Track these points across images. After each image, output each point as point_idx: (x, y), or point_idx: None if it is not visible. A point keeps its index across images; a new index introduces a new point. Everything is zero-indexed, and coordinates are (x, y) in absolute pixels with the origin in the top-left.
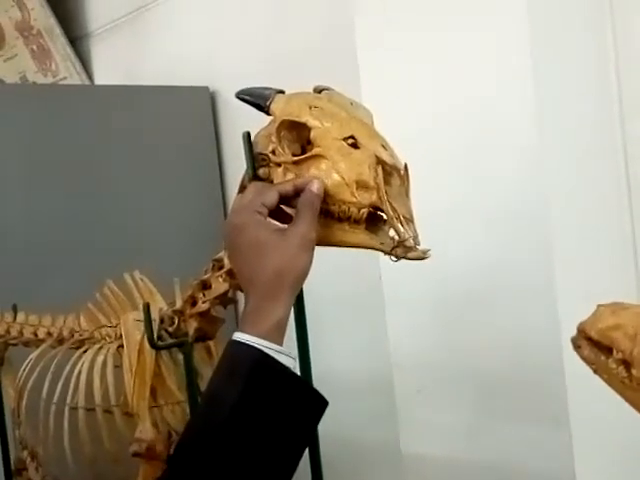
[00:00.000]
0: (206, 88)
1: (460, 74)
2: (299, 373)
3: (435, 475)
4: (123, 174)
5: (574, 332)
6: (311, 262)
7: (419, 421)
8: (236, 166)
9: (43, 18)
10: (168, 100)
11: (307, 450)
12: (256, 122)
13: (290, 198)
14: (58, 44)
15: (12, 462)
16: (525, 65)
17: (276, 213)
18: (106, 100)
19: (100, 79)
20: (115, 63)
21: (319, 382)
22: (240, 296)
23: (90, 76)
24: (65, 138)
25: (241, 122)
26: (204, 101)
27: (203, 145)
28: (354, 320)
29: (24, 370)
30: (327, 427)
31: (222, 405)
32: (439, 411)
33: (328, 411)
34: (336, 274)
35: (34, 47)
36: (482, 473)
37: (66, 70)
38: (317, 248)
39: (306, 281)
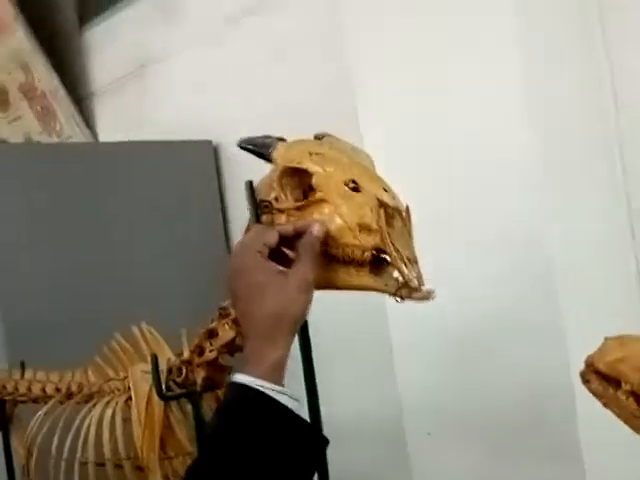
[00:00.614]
0: (209, 142)
1: (456, 120)
2: (306, 416)
3: None
4: (128, 228)
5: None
6: (309, 304)
7: (431, 464)
8: (240, 216)
9: (47, 79)
10: (171, 154)
11: None
12: (259, 173)
13: (291, 240)
14: (63, 104)
15: None
16: (518, 91)
17: (277, 255)
18: (110, 157)
19: (104, 137)
20: (118, 121)
21: (328, 427)
22: None
23: (95, 135)
24: (70, 195)
25: (244, 174)
26: (207, 154)
27: (207, 197)
28: (362, 364)
29: (33, 427)
30: (338, 473)
31: (220, 446)
32: (451, 454)
33: (338, 456)
34: (343, 318)
35: (38, 108)
36: None
37: (71, 130)
38: (324, 292)
39: (313, 325)
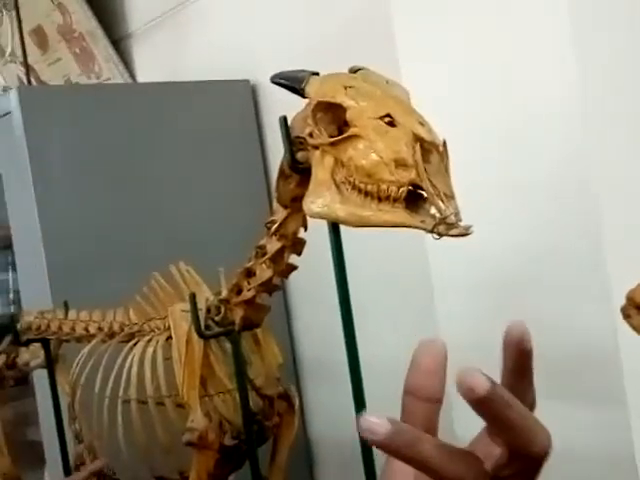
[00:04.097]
0: (247, 81)
1: (498, 52)
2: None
3: None
4: (167, 168)
5: None
6: None
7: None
8: (279, 156)
9: (84, 21)
10: (209, 94)
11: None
12: (296, 112)
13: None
14: (100, 46)
15: (70, 457)
16: (565, 29)
17: None
18: (149, 97)
19: (143, 78)
20: (157, 61)
21: (366, 370)
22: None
23: (133, 76)
24: (110, 137)
25: (282, 112)
26: (245, 94)
27: (246, 137)
28: (401, 306)
29: (77, 365)
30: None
31: None
32: None
33: (377, 396)
34: (382, 258)
35: (77, 50)
36: None
37: (109, 71)
38: (360, 230)
39: (351, 265)
